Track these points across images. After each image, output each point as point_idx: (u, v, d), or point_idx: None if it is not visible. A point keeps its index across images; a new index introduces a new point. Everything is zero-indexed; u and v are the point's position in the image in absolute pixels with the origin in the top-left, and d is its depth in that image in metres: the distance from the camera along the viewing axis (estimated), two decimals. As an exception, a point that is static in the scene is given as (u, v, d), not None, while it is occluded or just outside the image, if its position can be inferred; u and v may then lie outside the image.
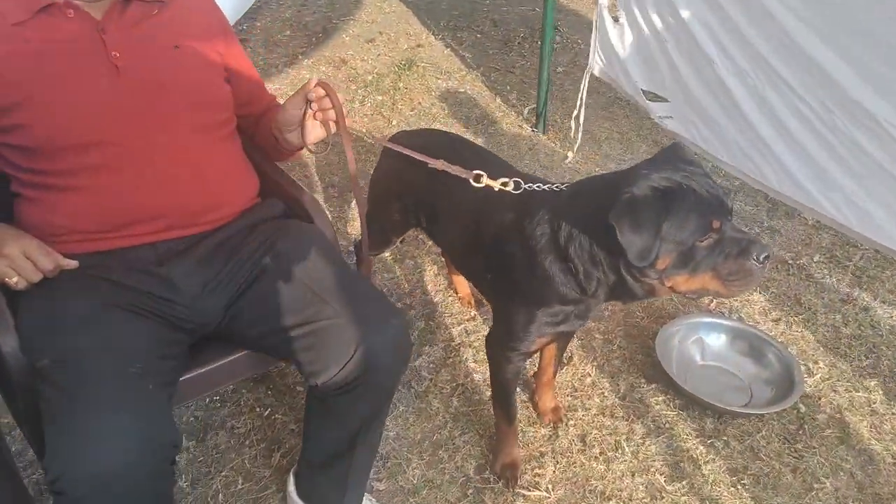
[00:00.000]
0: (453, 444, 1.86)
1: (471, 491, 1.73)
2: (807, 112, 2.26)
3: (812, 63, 2.13)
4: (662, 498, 1.72)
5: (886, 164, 2.02)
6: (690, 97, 2.69)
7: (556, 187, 1.45)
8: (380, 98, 4.04)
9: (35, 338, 1.15)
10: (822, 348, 2.19)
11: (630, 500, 1.71)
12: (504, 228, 1.50)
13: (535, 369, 1.92)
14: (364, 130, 3.65)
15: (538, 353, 1.83)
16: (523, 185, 1.45)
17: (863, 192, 2.14)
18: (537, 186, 1.45)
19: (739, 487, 1.74)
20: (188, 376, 1.33)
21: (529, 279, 1.44)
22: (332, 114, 1.39)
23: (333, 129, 1.42)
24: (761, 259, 1.22)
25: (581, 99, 3.17)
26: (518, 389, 1.90)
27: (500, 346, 1.60)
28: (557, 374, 1.94)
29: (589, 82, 3.17)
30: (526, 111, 3.92)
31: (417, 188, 1.77)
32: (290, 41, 4.73)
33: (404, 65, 4.47)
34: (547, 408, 1.91)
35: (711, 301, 2.35)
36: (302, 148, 1.51)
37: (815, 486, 1.74)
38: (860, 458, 1.82)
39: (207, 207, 1.39)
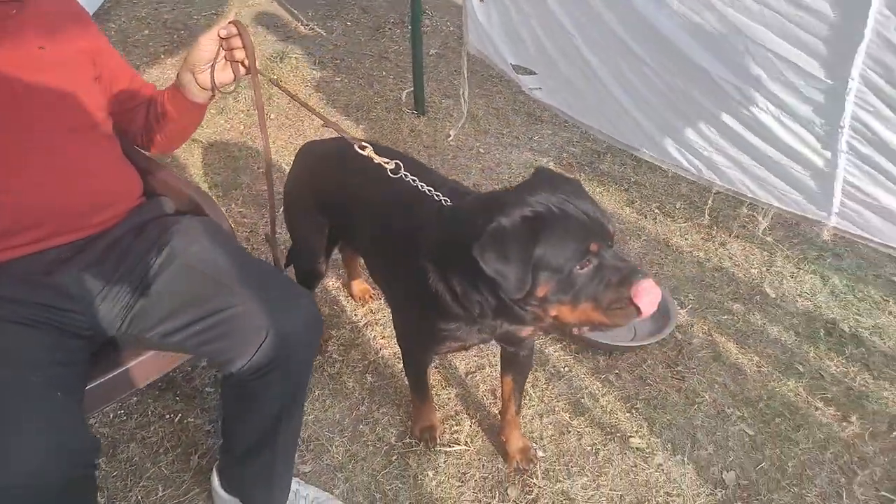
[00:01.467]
0: (372, 417, 1.93)
1: (395, 457, 1.81)
2: (653, 77, 2.49)
3: (655, 33, 2.35)
4: (569, 431, 1.88)
5: (723, 116, 2.28)
6: (555, 69, 2.87)
7: (446, 201, 1.38)
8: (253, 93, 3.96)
9: None
10: (690, 282, 2.45)
11: (542, 438, 1.86)
12: (404, 239, 1.45)
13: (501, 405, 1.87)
14: (242, 128, 3.59)
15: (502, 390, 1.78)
16: (403, 175, 1.41)
17: (705, 143, 2.40)
18: (433, 192, 1.38)
19: (633, 412, 1.93)
20: (93, 385, 1.30)
21: (424, 292, 1.38)
22: (240, 54, 1.39)
23: (242, 72, 1.43)
24: (639, 280, 1.15)
25: (464, 76, 3.28)
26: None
27: (407, 345, 1.66)
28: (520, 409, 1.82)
29: (466, 61, 3.30)
30: (404, 95, 3.99)
31: (335, 195, 1.71)
32: (150, 40, 4.52)
33: (276, 57, 4.40)
34: (515, 449, 1.78)
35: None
36: (208, 100, 1.49)
37: (696, 400, 1.97)
38: (731, 371, 2.07)
39: (91, 209, 1.35)
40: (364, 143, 1.46)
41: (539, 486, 1.72)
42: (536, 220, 1.18)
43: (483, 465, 1.79)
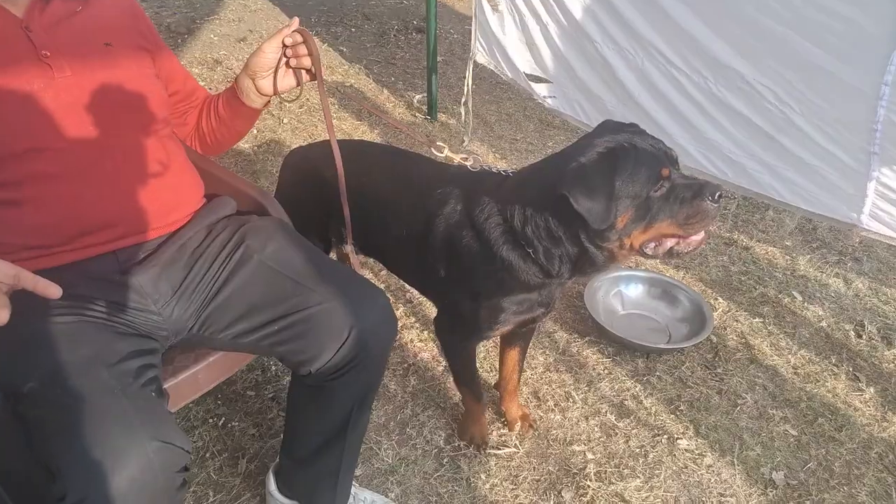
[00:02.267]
0: (418, 420, 1.91)
1: (446, 460, 1.79)
2: (682, 80, 2.53)
3: (685, 35, 2.39)
4: (616, 434, 1.88)
5: (755, 118, 2.32)
6: (574, 76, 2.90)
7: (503, 172, 1.49)
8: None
9: (11, 365, 1.06)
10: (718, 286, 2.48)
11: (589, 441, 1.86)
12: (455, 223, 1.49)
13: (497, 379, 1.94)
14: (255, 132, 3.56)
15: (500, 363, 1.85)
16: (479, 166, 1.51)
17: (734, 146, 2.44)
18: (489, 169, 1.48)
19: (678, 414, 1.95)
20: (168, 385, 1.28)
21: (490, 271, 1.44)
22: (306, 61, 1.38)
23: (306, 78, 1.42)
24: (716, 197, 1.26)
25: (468, 85, 3.29)
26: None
27: (458, 336, 1.63)
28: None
29: (472, 69, 3.31)
30: (416, 100, 4.00)
31: (352, 198, 1.61)
32: (156, 45, 4.46)
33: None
34: (516, 416, 1.88)
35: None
36: (264, 106, 1.48)
37: (738, 401, 1.99)
38: (768, 373, 2.10)
39: (162, 210, 1.33)
40: (439, 144, 1.49)
41: (593, 489, 1.72)
42: (611, 153, 1.29)
43: (535, 468, 1.78)
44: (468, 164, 1.51)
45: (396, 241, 1.66)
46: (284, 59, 1.41)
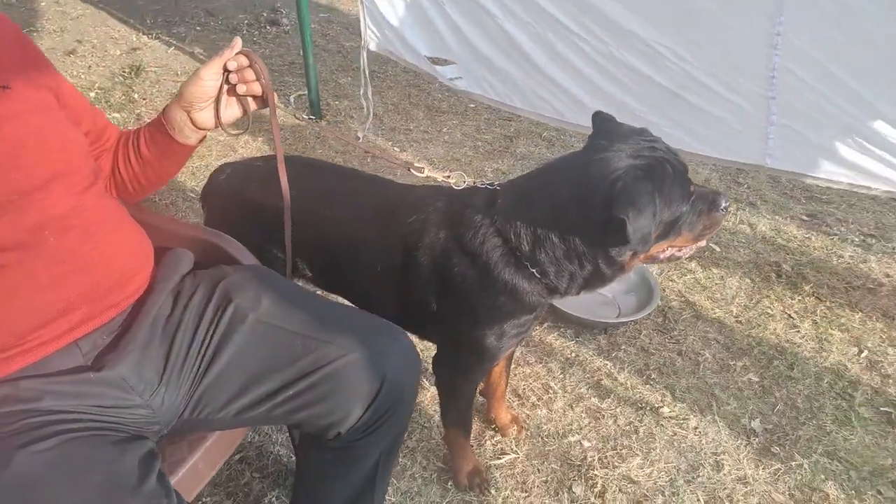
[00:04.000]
0: (406, 447, 1.79)
1: (449, 483, 1.69)
2: (585, 48, 2.56)
3: (582, 3, 2.42)
4: (603, 415, 1.89)
5: (657, 77, 2.41)
6: (478, 54, 2.84)
7: (490, 186, 1.36)
8: (118, 115, 3.50)
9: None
10: (646, 250, 2.58)
11: (580, 429, 1.85)
12: (442, 253, 1.36)
13: (483, 387, 1.85)
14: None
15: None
16: (464, 182, 1.37)
17: (642, 105, 2.52)
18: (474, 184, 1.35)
19: (652, 383, 2.00)
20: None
21: (491, 298, 1.34)
22: (256, 87, 1.20)
23: (253, 106, 1.24)
24: (725, 206, 1.31)
25: (365, 75, 3.14)
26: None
27: (462, 371, 1.51)
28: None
29: (366, 58, 3.15)
30: (293, 99, 3.75)
31: (305, 233, 1.43)
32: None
33: (129, 72, 3.91)
34: (507, 421, 1.82)
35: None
36: (199, 141, 1.26)
37: (699, 359, 2.08)
38: (715, 326, 2.21)
39: (119, 281, 1.08)
40: (417, 165, 1.36)
41: (601, 477, 1.71)
42: (652, 171, 1.21)
43: (539, 469, 1.74)
44: (451, 182, 1.37)
45: (369, 278, 1.48)
46: (227, 86, 1.21)
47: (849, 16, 1.96)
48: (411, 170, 1.40)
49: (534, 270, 1.31)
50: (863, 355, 2.09)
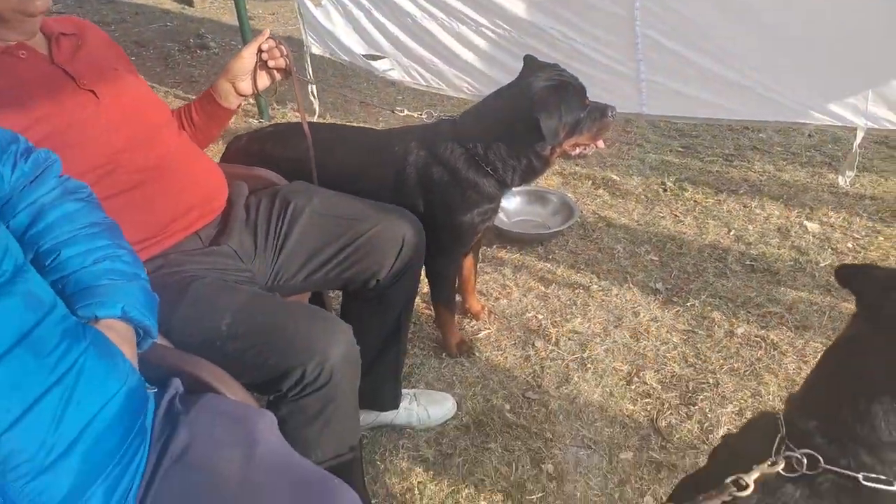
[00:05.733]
0: (406, 338, 2.31)
1: (444, 354, 2.23)
2: (493, 36, 3.18)
3: (488, 2, 3.04)
4: (550, 297, 2.48)
5: (552, 54, 3.04)
6: (404, 48, 3.41)
7: (448, 118, 1.95)
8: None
9: (202, 315, 1.30)
10: (567, 184, 3.21)
11: (534, 308, 2.43)
12: (424, 165, 1.87)
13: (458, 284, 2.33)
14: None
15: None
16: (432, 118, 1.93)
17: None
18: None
19: (581, 272, 2.61)
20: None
21: (461, 193, 1.86)
22: (282, 62, 1.67)
23: (278, 77, 1.71)
24: (613, 114, 1.89)
25: (309, 75, 3.63)
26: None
27: (446, 255, 2.00)
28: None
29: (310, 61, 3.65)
30: (241, 108, 4.18)
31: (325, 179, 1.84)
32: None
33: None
34: (478, 309, 2.38)
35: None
36: (239, 106, 1.73)
37: (614, 252, 2.71)
38: (622, 229, 2.86)
39: (213, 192, 1.56)
40: (398, 108, 1.89)
41: (554, 333, 2.29)
42: (561, 86, 1.80)
43: (508, 337, 2.30)
44: (423, 117, 1.94)
45: (372, 197, 1.89)
46: (260, 63, 1.70)
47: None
48: (395, 111, 1.93)
49: (488, 169, 1.87)
50: (731, 233, 2.79)
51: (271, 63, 1.69)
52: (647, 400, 2.03)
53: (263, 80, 1.72)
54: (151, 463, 0.98)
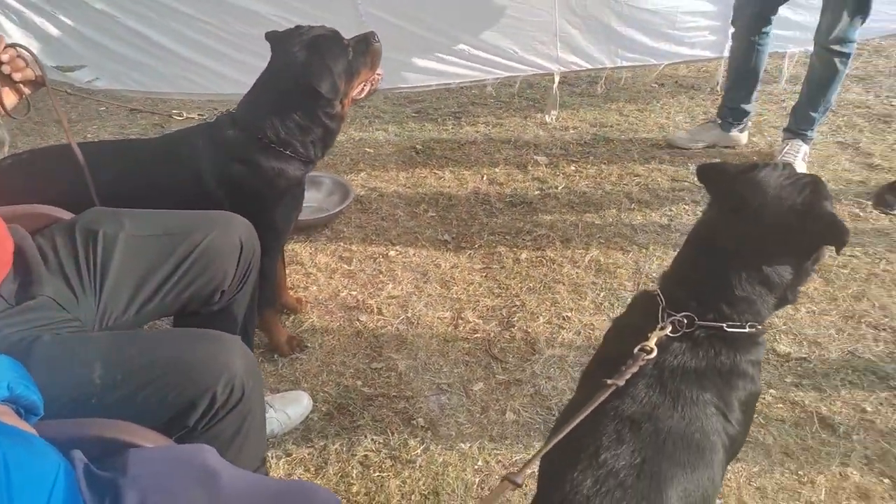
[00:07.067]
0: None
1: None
2: (212, 29, 3.04)
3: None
4: (355, 273, 2.55)
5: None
6: (110, 53, 3.05)
7: (228, 112, 1.85)
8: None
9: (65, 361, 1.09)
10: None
11: (345, 287, 2.48)
12: (221, 166, 1.78)
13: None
14: None
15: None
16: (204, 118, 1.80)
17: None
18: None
19: (375, 241, 2.72)
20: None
21: (269, 184, 1.80)
22: (29, 73, 1.42)
23: (27, 91, 1.45)
24: (377, 38, 1.90)
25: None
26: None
27: (270, 256, 1.88)
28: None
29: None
30: None
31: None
32: None
33: None
34: (293, 302, 2.33)
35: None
36: None
37: (395, 217, 2.88)
38: (394, 198, 3.03)
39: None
40: (175, 112, 1.74)
41: (374, 303, 2.38)
42: (316, 46, 1.78)
43: (331, 319, 2.32)
44: (195, 118, 1.80)
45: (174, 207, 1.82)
46: (3, 78, 1.42)
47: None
48: (173, 115, 1.77)
49: (287, 152, 1.83)
50: (484, 178, 3.16)
51: (17, 76, 1.43)
52: (476, 335, 2.25)
53: (11, 98, 1.45)
54: None
